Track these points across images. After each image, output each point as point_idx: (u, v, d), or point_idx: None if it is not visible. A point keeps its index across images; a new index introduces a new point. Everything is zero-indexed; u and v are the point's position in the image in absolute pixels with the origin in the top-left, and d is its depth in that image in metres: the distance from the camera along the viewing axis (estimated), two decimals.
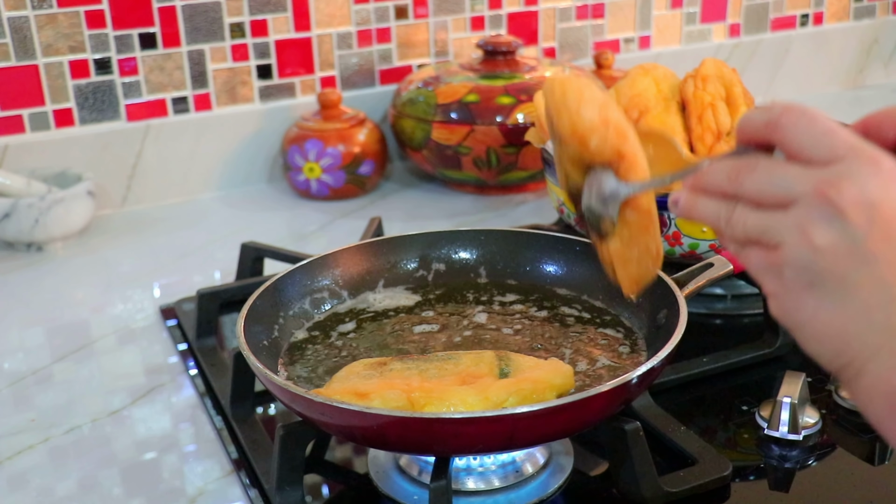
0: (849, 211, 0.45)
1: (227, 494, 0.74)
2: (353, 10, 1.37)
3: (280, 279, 0.81)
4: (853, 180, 0.46)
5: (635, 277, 0.69)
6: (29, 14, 1.20)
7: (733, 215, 0.50)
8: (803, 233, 0.47)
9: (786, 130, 0.48)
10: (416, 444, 0.65)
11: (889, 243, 0.45)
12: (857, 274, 0.46)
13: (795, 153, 0.48)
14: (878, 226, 0.45)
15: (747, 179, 0.49)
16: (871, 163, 0.46)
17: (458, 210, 1.29)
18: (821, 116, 0.48)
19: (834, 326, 0.47)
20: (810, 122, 0.48)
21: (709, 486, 0.70)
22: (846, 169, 0.46)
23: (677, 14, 1.62)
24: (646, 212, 0.66)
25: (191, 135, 1.32)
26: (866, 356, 0.46)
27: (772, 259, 0.49)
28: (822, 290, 0.47)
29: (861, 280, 0.46)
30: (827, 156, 0.47)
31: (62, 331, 1.00)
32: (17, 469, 0.77)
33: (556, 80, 0.64)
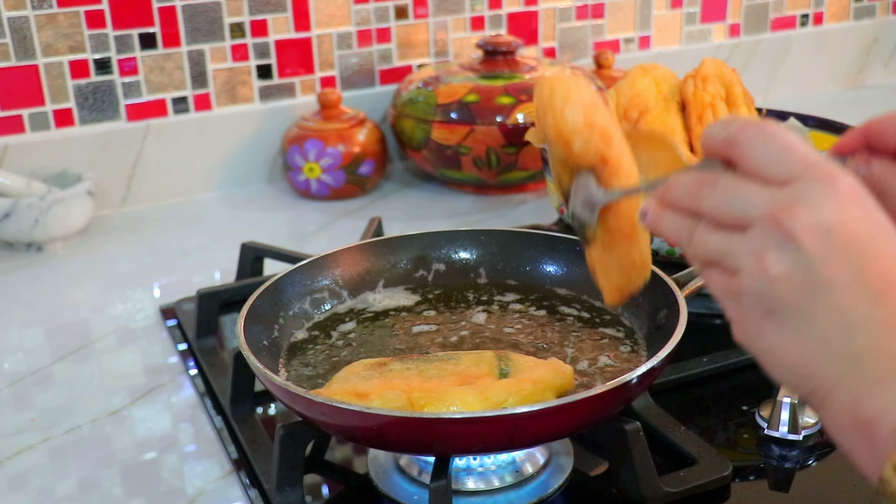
0: (803, 237, 0.44)
1: (227, 494, 0.74)
2: (353, 10, 1.37)
3: (280, 279, 0.81)
4: (807, 203, 0.44)
5: (617, 286, 0.67)
6: (29, 14, 1.20)
7: (694, 234, 0.49)
8: (759, 260, 0.45)
9: (743, 148, 0.47)
10: (416, 444, 0.65)
11: (846, 268, 0.44)
12: (814, 302, 0.44)
13: (753, 171, 0.47)
14: (833, 251, 0.44)
15: (707, 197, 0.48)
16: (827, 183, 0.44)
17: (458, 210, 1.29)
18: (779, 133, 0.47)
19: (794, 355, 0.46)
20: (768, 138, 0.46)
21: (709, 486, 0.70)
22: (801, 190, 0.45)
23: (677, 14, 1.62)
24: (628, 219, 0.64)
25: (191, 135, 1.32)
26: (830, 385, 0.45)
27: (730, 285, 0.47)
28: (779, 318, 0.46)
29: (818, 308, 0.44)
30: (784, 174, 0.45)
31: (62, 331, 1.00)
32: (17, 469, 0.77)
33: (546, 79, 0.64)
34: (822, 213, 0.44)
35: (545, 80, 0.64)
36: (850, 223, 0.44)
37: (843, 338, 0.44)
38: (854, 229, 0.44)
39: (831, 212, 0.44)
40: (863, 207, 0.45)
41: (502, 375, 0.69)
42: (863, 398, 0.43)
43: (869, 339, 0.44)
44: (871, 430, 0.43)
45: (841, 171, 0.45)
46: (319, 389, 0.69)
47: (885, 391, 0.43)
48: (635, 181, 0.63)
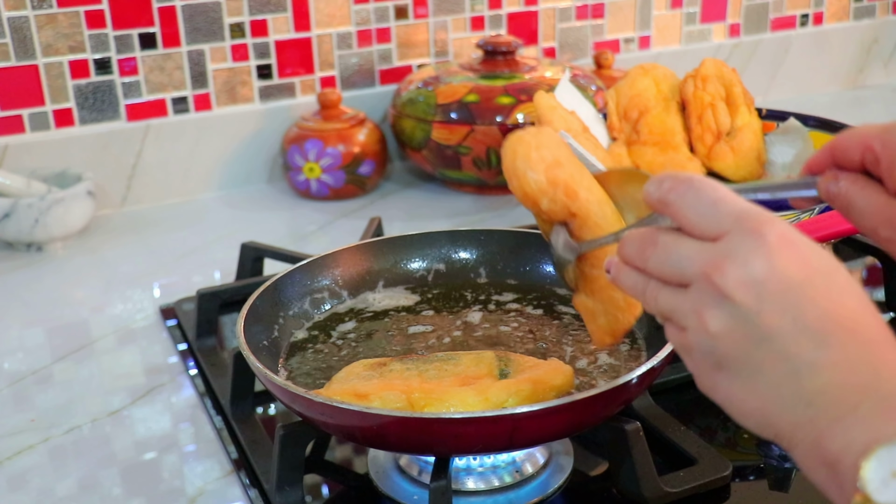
0: (735, 294, 0.45)
1: (227, 494, 0.74)
2: (353, 10, 1.37)
3: (280, 279, 0.81)
4: (736, 259, 0.45)
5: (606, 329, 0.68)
6: (29, 14, 1.20)
7: (647, 291, 0.50)
8: (699, 318, 0.47)
9: (674, 207, 0.48)
10: (416, 444, 0.65)
11: (783, 316, 0.45)
12: (758, 352, 0.45)
13: (687, 229, 0.48)
14: (768, 302, 0.45)
15: (650, 257, 0.50)
16: (754, 235, 0.45)
17: (458, 210, 1.29)
18: (707, 187, 0.48)
19: (750, 404, 0.47)
20: (696, 195, 0.48)
21: (709, 486, 0.70)
22: (729, 246, 0.46)
23: (677, 14, 1.62)
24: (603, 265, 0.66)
25: (191, 135, 1.32)
26: (790, 429, 0.46)
27: (682, 340, 0.49)
28: (729, 371, 0.47)
29: (763, 358, 0.45)
30: (714, 230, 0.47)
31: (62, 331, 1.00)
32: (17, 469, 0.77)
33: (508, 141, 0.66)
34: (752, 266, 0.45)
35: (507, 144, 0.66)
36: (781, 271, 0.45)
37: (793, 383, 0.45)
38: (786, 276, 0.45)
39: (761, 264, 0.45)
40: (793, 253, 0.45)
41: (502, 376, 0.69)
42: (823, 438, 0.44)
43: (818, 382, 0.44)
44: (836, 468, 0.43)
45: (769, 219, 0.46)
46: (319, 390, 0.69)
47: (843, 430, 0.43)
48: (607, 229, 0.65)
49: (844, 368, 0.45)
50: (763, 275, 0.45)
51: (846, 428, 0.43)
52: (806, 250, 0.46)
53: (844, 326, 0.45)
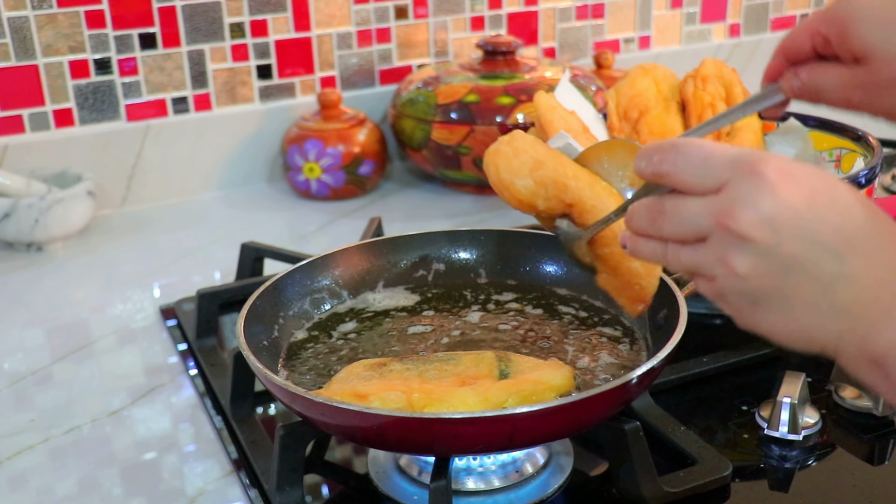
0: (752, 234, 0.48)
1: (227, 494, 0.74)
2: (353, 10, 1.37)
3: (280, 279, 0.81)
4: (744, 203, 0.48)
5: (634, 299, 0.72)
6: (29, 14, 1.20)
7: (668, 255, 0.53)
8: (725, 265, 0.50)
9: (670, 175, 0.51)
10: (416, 445, 0.65)
11: (801, 242, 0.48)
12: (787, 281, 0.49)
13: (687, 190, 0.51)
14: (784, 233, 0.48)
15: (662, 225, 0.53)
16: (753, 177, 0.48)
17: (458, 210, 1.29)
18: (693, 147, 0.51)
19: (793, 327, 0.50)
20: (685, 158, 0.51)
21: (709, 486, 0.70)
22: (734, 193, 0.49)
23: (677, 14, 1.62)
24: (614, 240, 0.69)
25: (191, 135, 1.32)
26: (834, 340, 0.50)
27: (714, 289, 0.52)
28: (766, 304, 0.50)
29: (793, 285, 0.49)
30: (713, 184, 0.50)
31: (62, 331, 1.00)
32: (17, 469, 0.77)
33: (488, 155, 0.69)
34: (760, 205, 0.48)
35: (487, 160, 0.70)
36: (787, 202, 0.48)
37: (826, 300, 0.49)
38: (793, 205, 0.48)
39: (768, 201, 0.48)
40: (793, 182, 0.48)
41: (502, 376, 0.69)
42: (867, 342, 0.49)
43: (849, 293, 0.49)
44: (884, 366, 0.48)
45: (762, 158, 0.49)
46: (319, 390, 0.69)
47: (887, 331, 0.48)
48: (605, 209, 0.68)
49: (869, 274, 0.49)
50: (772, 210, 0.48)
51: (888, 330, 0.48)
52: (804, 177, 0.49)
53: (858, 235, 0.49)
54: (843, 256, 0.48)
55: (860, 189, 0.91)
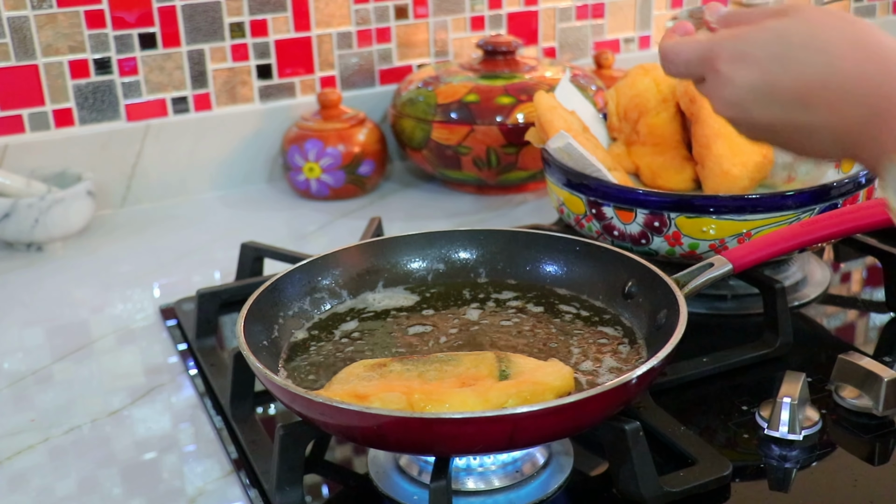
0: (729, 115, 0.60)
1: (227, 494, 0.74)
2: (353, 9, 1.37)
3: (280, 279, 0.81)
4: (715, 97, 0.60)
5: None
6: (29, 14, 1.20)
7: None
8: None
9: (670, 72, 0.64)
10: (416, 445, 0.65)
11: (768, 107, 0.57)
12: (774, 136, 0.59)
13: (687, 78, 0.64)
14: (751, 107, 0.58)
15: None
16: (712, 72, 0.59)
17: (458, 210, 1.29)
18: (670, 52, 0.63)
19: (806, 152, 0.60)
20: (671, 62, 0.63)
21: (709, 486, 0.70)
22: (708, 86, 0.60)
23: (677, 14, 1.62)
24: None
25: (191, 135, 1.32)
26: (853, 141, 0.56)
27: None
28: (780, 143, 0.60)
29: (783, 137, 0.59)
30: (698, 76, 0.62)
31: (62, 331, 1.00)
32: (17, 469, 0.77)
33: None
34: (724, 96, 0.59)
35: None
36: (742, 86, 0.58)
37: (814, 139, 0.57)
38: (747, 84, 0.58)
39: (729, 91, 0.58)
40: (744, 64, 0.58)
41: (502, 377, 0.69)
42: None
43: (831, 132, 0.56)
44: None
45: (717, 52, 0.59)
46: (319, 391, 0.69)
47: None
48: None
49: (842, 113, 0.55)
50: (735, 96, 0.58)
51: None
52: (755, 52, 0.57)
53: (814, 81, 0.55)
54: (807, 108, 0.55)
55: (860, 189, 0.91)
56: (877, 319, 0.97)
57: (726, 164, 0.99)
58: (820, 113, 0.55)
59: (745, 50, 0.57)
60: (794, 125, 0.56)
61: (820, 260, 1.05)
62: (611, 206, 0.92)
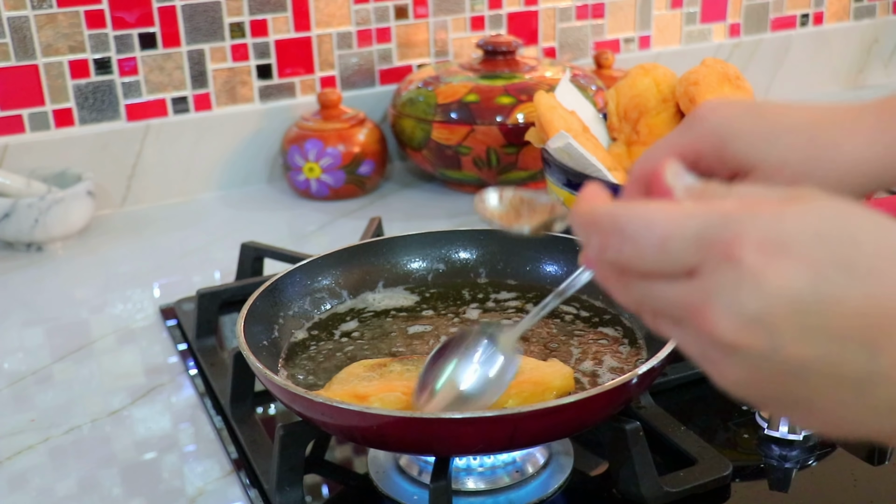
0: (738, 341, 0.37)
1: (227, 494, 0.74)
2: (353, 10, 1.37)
3: (280, 279, 0.81)
4: (720, 304, 0.37)
5: None
6: (29, 14, 1.20)
7: (644, 317, 0.42)
8: (715, 368, 0.39)
9: (621, 265, 0.40)
10: (416, 445, 0.65)
11: (809, 341, 0.36)
12: (802, 385, 0.37)
13: (651, 275, 0.39)
14: (784, 334, 0.36)
15: (632, 290, 0.41)
16: (727, 263, 0.36)
17: (458, 210, 1.29)
18: (640, 226, 0.38)
19: (827, 425, 0.39)
20: (633, 245, 0.39)
21: (709, 486, 0.70)
22: (707, 286, 0.37)
23: (677, 14, 1.62)
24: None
25: (191, 135, 1.32)
26: (888, 435, 0.39)
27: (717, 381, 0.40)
28: (783, 405, 0.40)
29: (811, 387, 0.37)
30: (679, 269, 0.38)
31: (62, 331, 1.00)
32: (17, 469, 0.77)
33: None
34: (742, 304, 0.36)
35: None
36: (779, 293, 0.36)
37: (861, 399, 0.37)
38: (788, 295, 0.36)
39: (751, 297, 0.36)
40: (784, 259, 0.36)
41: None
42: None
43: (891, 389, 0.37)
44: None
45: (737, 234, 0.36)
46: (319, 391, 0.69)
47: None
48: None
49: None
50: (759, 308, 0.36)
51: None
52: (802, 245, 0.36)
53: (890, 313, 0.36)
54: (872, 349, 0.36)
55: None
56: None
57: None
58: (891, 357, 0.36)
59: (788, 237, 0.36)
60: (842, 373, 0.36)
61: None
62: None
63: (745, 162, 0.53)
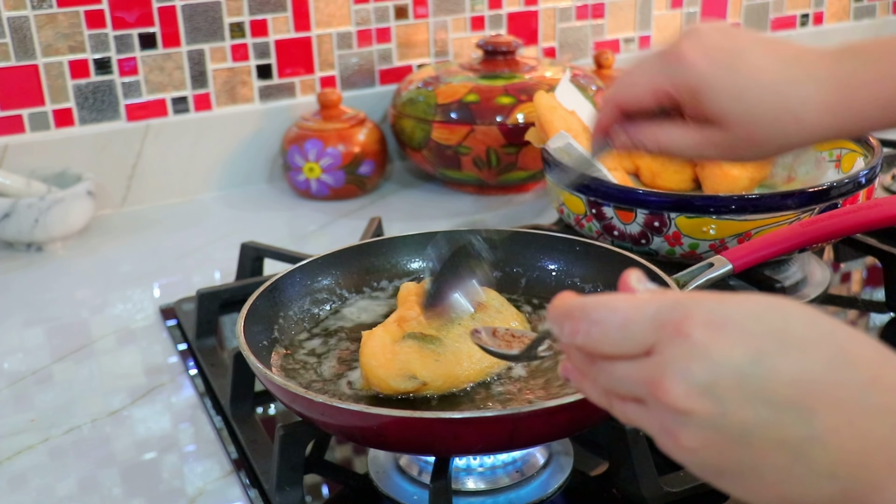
0: (690, 407, 0.41)
1: (227, 494, 0.74)
2: (353, 10, 1.37)
3: (280, 279, 0.81)
4: (674, 374, 0.41)
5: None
6: (29, 14, 1.20)
7: (613, 406, 0.46)
8: (672, 438, 0.42)
9: (588, 348, 0.45)
10: (416, 444, 0.65)
11: (753, 406, 0.40)
12: (747, 450, 0.41)
13: (613, 357, 0.44)
14: (729, 399, 0.40)
15: (598, 377, 0.46)
16: (679, 339, 0.41)
17: (458, 210, 1.29)
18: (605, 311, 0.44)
19: (770, 497, 0.42)
20: (600, 330, 0.44)
21: (709, 486, 0.70)
22: (661, 359, 0.42)
23: (677, 14, 1.62)
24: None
25: (191, 135, 1.32)
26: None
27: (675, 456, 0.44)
28: (731, 474, 0.43)
29: (755, 452, 0.41)
30: (638, 350, 0.43)
31: (62, 331, 1.00)
32: (17, 469, 0.77)
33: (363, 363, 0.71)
34: (692, 373, 0.40)
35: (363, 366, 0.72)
36: (724, 363, 0.40)
37: (802, 464, 0.40)
38: (732, 365, 0.40)
39: (699, 367, 0.40)
40: (727, 335, 0.41)
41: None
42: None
43: (829, 454, 0.40)
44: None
45: (686, 314, 0.41)
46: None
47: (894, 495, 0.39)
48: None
49: (850, 429, 0.40)
50: (707, 377, 0.40)
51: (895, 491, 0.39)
52: (742, 322, 0.41)
53: (825, 382, 0.40)
54: (809, 412, 0.40)
55: (860, 189, 0.91)
56: (877, 319, 0.97)
57: (726, 165, 1.00)
58: (827, 421, 0.39)
59: (729, 317, 0.41)
60: (782, 438, 0.40)
61: (820, 260, 1.05)
62: (611, 206, 0.92)
63: (716, 113, 0.64)
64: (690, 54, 0.63)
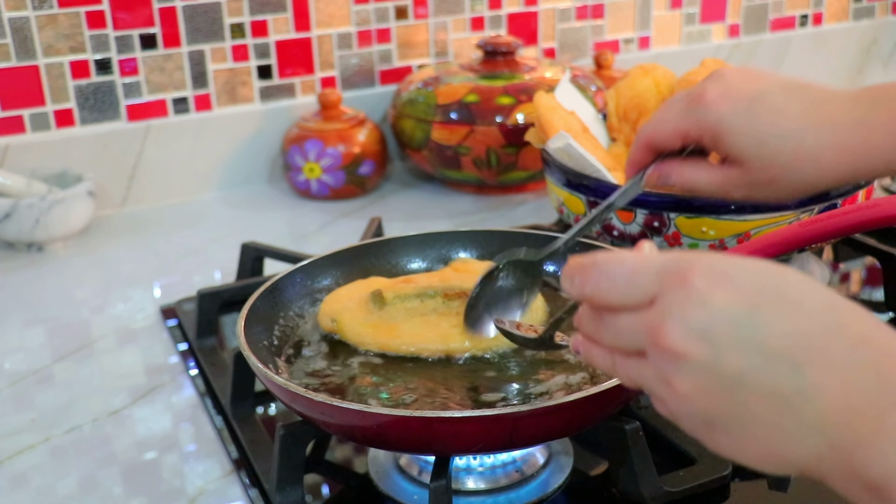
0: (686, 350, 0.43)
1: (227, 494, 0.74)
2: (353, 10, 1.37)
3: (280, 279, 0.81)
4: (673, 317, 0.43)
5: None
6: (29, 14, 1.20)
7: (616, 366, 0.49)
8: (667, 384, 0.45)
9: (596, 298, 0.47)
10: (416, 444, 0.65)
11: (745, 354, 0.42)
12: (738, 398, 0.42)
13: (619, 308, 0.46)
14: (723, 345, 0.42)
15: (603, 334, 0.48)
16: (681, 287, 0.43)
17: (458, 210, 1.29)
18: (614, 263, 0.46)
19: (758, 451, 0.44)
20: (608, 279, 0.46)
21: (709, 486, 0.70)
22: (664, 306, 0.44)
23: (677, 14, 1.62)
24: None
25: (191, 135, 1.32)
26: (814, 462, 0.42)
27: (666, 410, 0.47)
28: (721, 426, 0.44)
29: (745, 402, 0.42)
30: (643, 298, 0.45)
31: (62, 331, 1.00)
32: (17, 469, 0.77)
33: None
34: (691, 317, 0.43)
35: None
36: (720, 310, 0.42)
37: (791, 416, 0.42)
38: (729, 313, 0.42)
39: (698, 312, 0.42)
40: (728, 286, 0.43)
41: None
42: (856, 463, 0.41)
43: (817, 406, 0.41)
44: (884, 494, 0.40)
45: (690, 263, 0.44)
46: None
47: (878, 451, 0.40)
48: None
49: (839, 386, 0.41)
50: (704, 322, 0.42)
51: (880, 448, 0.40)
52: (741, 277, 0.43)
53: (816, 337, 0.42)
54: (800, 366, 0.41)
55: (860, 189, 0.92)
56: None
57: None
58: (816, 376, 0.41)
59: (728, 272, 0.43)
60: (773, 389, 0.41)
61: (819, 260, 1.05)
62: None
63: (737, 155, 0.67)
64: (712, 97, 0.66)
